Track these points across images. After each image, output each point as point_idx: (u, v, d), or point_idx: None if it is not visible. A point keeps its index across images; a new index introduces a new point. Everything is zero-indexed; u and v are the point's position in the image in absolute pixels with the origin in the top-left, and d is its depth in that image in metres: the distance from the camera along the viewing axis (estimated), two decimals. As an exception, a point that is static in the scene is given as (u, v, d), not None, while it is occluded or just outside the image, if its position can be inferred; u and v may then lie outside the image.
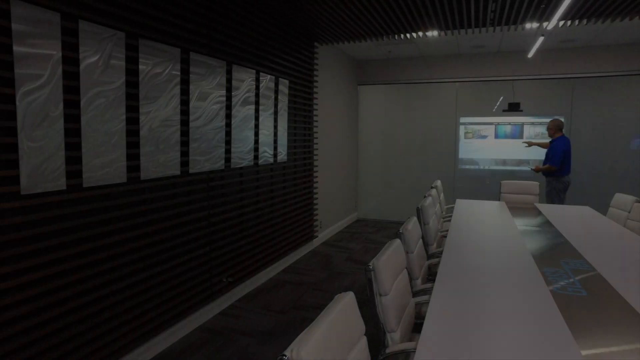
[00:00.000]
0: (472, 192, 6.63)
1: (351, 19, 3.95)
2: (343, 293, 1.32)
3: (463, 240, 2.78)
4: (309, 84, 4.90)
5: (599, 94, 6.04)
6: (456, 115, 6.69)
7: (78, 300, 2.16)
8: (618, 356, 1.33)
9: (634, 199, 3.58)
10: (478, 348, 1.36)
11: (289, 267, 4.56)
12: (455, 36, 5.20)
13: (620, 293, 1.84)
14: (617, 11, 3.71)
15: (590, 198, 5.64)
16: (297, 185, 4.70)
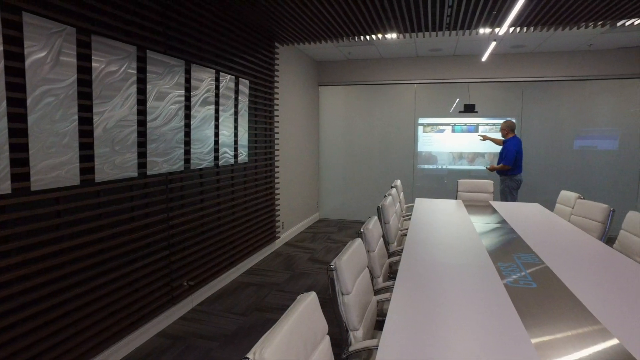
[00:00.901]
0: (430, 191, 6.83)
1: (311, 19, 3.97)
2: (305, 293, 1.33)
3: (422, 238, 2.87)
4: (270, 84, 4.88)
5: (545, 97, 6.39)
6: (415, 116, 6.87)
7: (26, 311, 2.05)
8: (563, 342, 1.42)
9: (576, 195, 3.81)
10: (438, 341, 1.41)
11: (251, 268, 4.52)
12: (414, 39, 5.33)
13: (566, 284, 1.96)
14: (559, 21, 3.95)
15: (540, 195, 5.95)
16: (258, 186, 4.67)
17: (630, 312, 1.68)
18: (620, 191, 6.19)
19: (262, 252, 4.89)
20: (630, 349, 1.36)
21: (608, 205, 3.24)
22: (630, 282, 2.06)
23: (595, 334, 1.48)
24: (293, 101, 5.88)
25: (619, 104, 6.16)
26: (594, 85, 6.19)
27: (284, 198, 5.49)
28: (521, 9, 3.55)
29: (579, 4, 3.47)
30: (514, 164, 5.18)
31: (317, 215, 7.24)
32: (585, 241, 2.86)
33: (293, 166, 5.95)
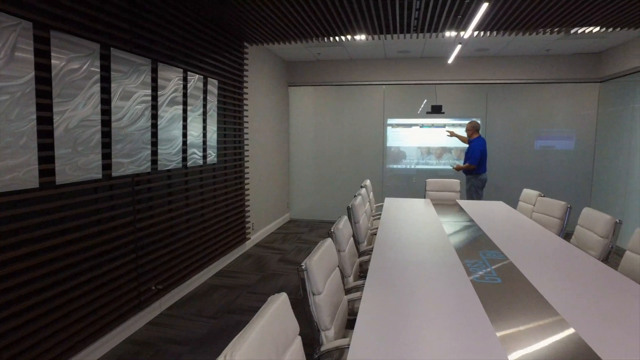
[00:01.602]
0: (400, 191, 6.95)
1: (281, 20, 3.96)
2: (276, 294, 1.33)
3: (392, 237, 2.91)
4: (239, 84, 4.83)
5: (508, 99, 6.62)
6: (384, 117, 6.97)
7: (-17, 320, 1.95)
8: (526, 334, 1.48)
9: (537, 193, 3.97)
10: (408, 338, 1.44)
11: (221, 270, 4.46)
12: (382, 41, 5.41)
13: (528, 278, 2.05)
14: (519, 27, 4.11)
15: (504, 193, 6.16)
16: (228, 187, 4.62)
17: (584, 303, 1.78)
18: (576, 189, 6.50)
19: (233, 253, 4.84)
20: (584, 337, 1.44)
21: (566, 202, 3.40)
22: (585, 275, 2.17)
23: (554, 324, 1.55)
24: (263, 101, 5.84)
25: (574, 106, 6.47)
26: (551, 88, 6.47)
27: (254, 199, 5.46)
28: (484, 14, 3.67)
29: (536, 12, 3.62)
30: (479, 164, 5.34)
31: (287, 216, 7.23)
32: (546, 237, 2.98)
33: (263, 167, 5.92)
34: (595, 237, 2.82)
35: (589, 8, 3.55)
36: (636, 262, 2.30)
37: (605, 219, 2.76)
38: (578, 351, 1.36)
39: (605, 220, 2.75)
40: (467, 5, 3.52)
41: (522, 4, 3.46)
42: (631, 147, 5.49)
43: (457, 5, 3.53)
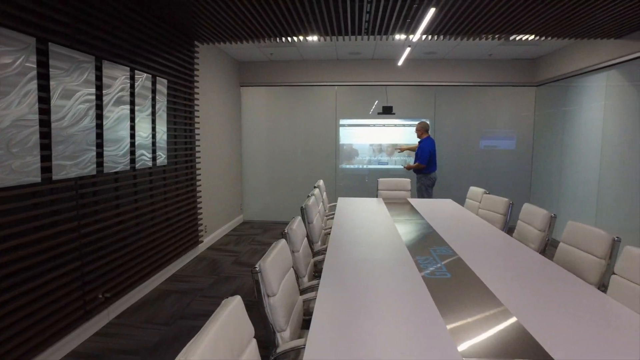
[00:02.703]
0: (352, 190, 7.06)
1: (233, 19, 3.91)
2: (230, 297, 1.32)
3: (345, 236, 2.96)
4: (190, 84, 4.71)
5: (455, 100, 6.92)
6: (336, 118, 7.05)
7: None
8: (473, 325, 1.56)
9: (483, 190, 4.18)
10: (363, 335, 1.47)
11: (173, 275, 4.33)
12: (334, 42, 5.48)
13: (475, 272, 2.15)
14: (463, 32, 4.30)
15: (452, 191, 6.42)
16: (179, 189, 4.49)
17: (525, 293, 1.90)
18: (517, 186, 6.90)
19: (185, 257, 4.71)
20: (525, 325, 1.54)
21: (508, 199, 3.60)
22: (526, 267, 2.31)
23: (499, 314, 1.64)
24: (214, 102, 5.73)
25: (514, 108, 6.87)
26: (494, 90, 6.82)
27: (206, 201, 5.34)
28: (432, 19, 3.82)
29: (479, 18, 3.82)
30: (428, 163, 5.54)
31: (241, 218, 7.13)
32: (491, 232, 3.15)
33: (215, 168, 5.80)
34: (534, 231, 3.01)
35: (525, 17, 3.79)
36: (569, 252, 2.48)
37: (542, 213, 2.96)
38: (520, 338, 1.45)
39: (542, 214, 2.95)
40: (415, 10, 3.64)
41: (466, 10, 3.63)
42: (563, 147, 5.91)
43: (406, 10, 3.64)
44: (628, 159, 4.65)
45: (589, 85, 5.37)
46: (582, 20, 3.86)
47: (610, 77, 4.95)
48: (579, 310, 1.72)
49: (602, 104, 5.08)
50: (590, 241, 2.32)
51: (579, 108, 5.58)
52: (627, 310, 1.70)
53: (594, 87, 5.26)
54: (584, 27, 4.10)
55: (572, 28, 4.14)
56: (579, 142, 5.57)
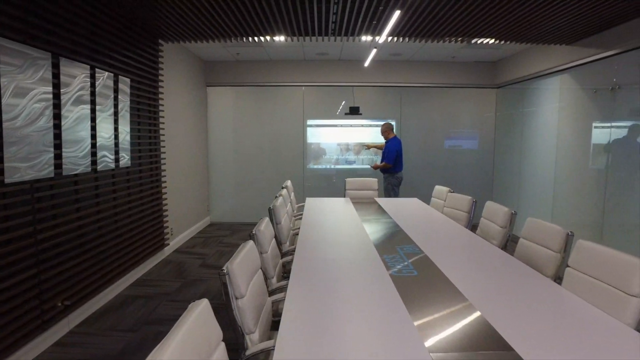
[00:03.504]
0: (320, 190, 7.08)
1: (198, 17, 3.84)
2: (197, 301, 1.30)
3: (314, 236, 2.97)
4: (154, 83, 4.59)
5: (420, 101, 7.07)
6: (303, 118, 7.05)
7: None
8: (440, 321, 1.60)
9: (447, 189, 4.29)
10: (332, 335, 1.48)
11: (138, 280, 4.21)
12: (301, 43, 5.48)
13: (441, 269, 2.21)
14: (427, 34, 4.41)
15: (418, 190, 6.56)
16: (143, 191, 4.36)
17: (488, 288, 1.97)
18: (480, 184, 7.13)
19: (150, 261, 4.59)
20: (488, 318, 1.59)
21: (471, 197, 3.71)
22: (489, 262, 2.40)
23: (464, 310, 1.69)
24: (180, 102, 5.61)
25: (477, 109, 7.09)
26: (458, 92, 7.02)
27: (172, 203, 5.22)
28: (397, 21, 3.89)
29: (442, 22, 3.92)
30: (394, 163, 5.63)
31: (208, 219, 7.02)
32: (455, 230, 3.24)
33: (181, 169, 5.68)
34: (496, 228, 3.12)
35: (485, 22, 3.92)
36: (528, 247, 2.59)
37: (503, 210, 3.07)
38: (483, 331, 1.50)
39: (504, 212, 3.06)
40: (381, 12, 3.70)
41: (430, 13, 3.72)
42: (522, 146, 6.16)
43: (372, 12, 3.69)
44: (580, 158, 4.91)
45: (545, 87, 5.62)
46: (536, 26, 4.04)
47: (563, 80, 5.20)
48: (536, 302, 1.80)
49: (557, 105, 5.34)
50: (546, 236, 2.43)
51: (536, 109, 5.83)
52: (579, 300, 1.79)
53: (549, 90, 5.52)
54: (539, 32, 4.29)
55: (528, 33, 4.32)
56: (537, 142, 5.83)
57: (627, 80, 4.19)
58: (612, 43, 4.20)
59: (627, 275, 1.72)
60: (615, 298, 1.74)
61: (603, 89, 4.49)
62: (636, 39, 3.90)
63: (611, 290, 1.77)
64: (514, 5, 3.45)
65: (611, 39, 4.21)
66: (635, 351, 1.39)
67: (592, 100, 4.71)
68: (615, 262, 1.81)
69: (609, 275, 1.81)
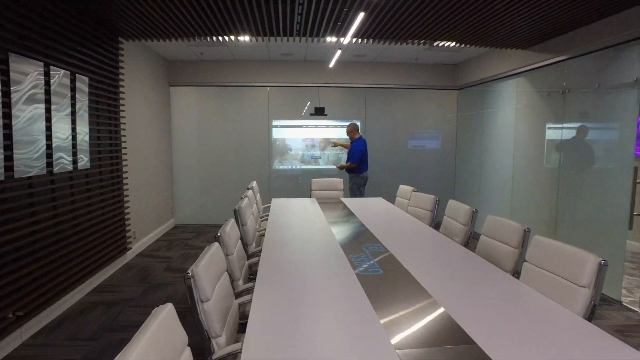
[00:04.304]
0: (286, 191, 7.07)
1: (159, 15, 3.74)
2: (161, 306, 1.27)
3: (280, 237, 2.96)
4: (114, 82, 4.44)
5: (384, 102, 7.19)
6: (269, 118, 7.02)
7: None
8: (406, 318, 1.63)
9: (411, 189, 4.38)
10: (300, 335, 1.48)
11: (99, 286, 4.06)
12: (266, 43, 5.45)
13: (406, 267, 2.25)
14: (391, 37, 4.50)
15: (383, 190, 6.66)
16: (104, 194, 4.21)
17: (451, 284, 2.03)
18: (443, 183, 7.33)
19: (112, 266, 4.44)
20: (451, 314, 1.64)
21: (435, 196, 3.81)
22: (452, 259, 2.47)
23: (428, 306, 1.74)
24: (142, 101, 5.46)
25: (439, 110, 7.29)
26: (420, 93, 7.19)
27: (134, 205, 5.07)
28: (361, 23, 3.94)
29: (405, 24, 4.01)
30: (360, 163, 5.70)
31: (172, 222, 6.86)
32: (420, 228, 3.31)
33: (144, 171, 5.52)
34: (458, 225, 3.21)
35: (446, 26, 4.04)
36: (488, 244, 2.69)
37: (465, 209, 3.17)
38: (447, 326, 1.55)
39: (465, 210, 3.16)
40: (345, 14, 3.73)
41: (393, 16, 3.79)
42: (482, 146, 6.38)
43: (337, 13, 3.73)
44: (535, 157, 5.14)
45: (502, 90, 5.85)
46: (494, 31, 4.21)
47: (519, 83, 5.43)
48: (496, 296, 1.87)
49: (514, 107, 5.56)
50: (505, 233, 2.53)
51: (495, 110, 6.06)
52: (535, 293, 1.88)
53: (506, 92, 5.75)
54: (496, 37, 4.47)
55: (486, 37, 4.49)
56: (496, 142, 6.05)
57: (576, 84, 4.43)
58: (562, 49, 4.43)
59: (578, 268, 1.81)
60: (567, 289, 1.83)
61: (555, 92, 4.72)
62: (582, 46, 4.13)
63: (564, 282, 1.87)
64: (473, 10, 3.57)
65: (561, 45, 4.43)
66: (583, 338, 1.47)
67: (545, 103, 4.95)
68: (567, 256, 1.91)
69: (562, 268, 1.91)
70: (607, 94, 4.08)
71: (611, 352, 1.38)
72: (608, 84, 4.05)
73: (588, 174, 4.39)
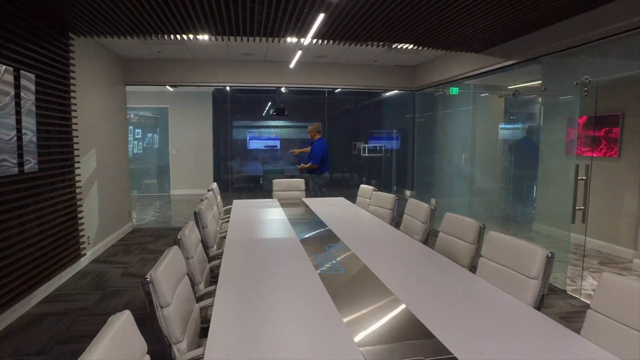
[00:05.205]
0: (248, 192, 7.01)
1: (112, 10, 3.59)
2: (118, 313, 1.22)
3: (242, 239, 2.93)
4: (65, 80, 4.23)
5: (345, 103, 7.27)
6: (229, 119, 6.93)
7: None
8: (368, 316, 1.66)
9: (372, 188, 4.46)
10: (263, 337, 1.47)
11: (49, 296, 3.86)
12: (226, 42, 5.37)
13: (367, 265, 2.29)
14: (351, 38, 4.56)
15: (344, 189, 6.74)
16: (55, 198, 4.00)
17: (412, 281, 2.08)
18: (402, 182, 7.51)
19: (64, 274, 4.22)
20: (412, 310, 1.69)
21: (395, 195, 3.89)
22: (412, 256, 2.53)
23: (390, 303, 1.78)
24: (96, 100, 5.22)
25: (398, 111, 7.46)
26: (380, 94, 7.33)
27: (88, 209, 4.85)
28: (321, 24, 3.96)
29: (364, 26, 4.07)
30: (321, 163, 5.74)
31: (130, 226, 6.62)
32: (380, 227, 3.38)
33: (99, 173, 5.29)
34: (418, 223, 3.30)
35: (404, 29, 4.14)
36: (446, 240, 2.78)
37: (424, 207, 3.26)
38: (409, 322, 1.59)
39: (424, 208, 3.25)
40: (306, 14, 3.74)
41: (353, 18, 3.84)
42: (441, 146, 6.58)
43: (297, 14, 3.73)
44: (491, 156, 5.36)
45: (460, 91, 6.06)
46: (449, 35, 4.35)
47: (475, 85, 5.65)
48: (455, 291, 1.94)
49: (470, 108, 5.78)
50: (462, 229, 2.63)
51: (452, 111, 6.27)
52: (490, 286, 1.97)
53: (463, 93, 5.96)
54: (452, 40, 4.62)
55: (443, 41, 4.63)
56: (453, 142, 6.26)
57: (525, 88, 4.67)
58: (513, 54, 4.64)
59: (528, 260, 1.91)
60: (519, 281, 1.93)
61: (506, 94, 4.95)
62: (530, 51, 4.35)
63: (515, 274, 1.97)
64: (429, 15, 3.68)
65: (512, 50, 4.65)
66: (534, 327, 1.56)
67: (498, 104, 5.17)
68: (518, 250, 2.01)
69: (514, 262, 2.01)
70: (552, 97, 4.33)
71: (557, 337, 1.47)
72: (553, 87, 4.29)
73: (536, 172, 4.64)
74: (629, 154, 4.81)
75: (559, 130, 4.69)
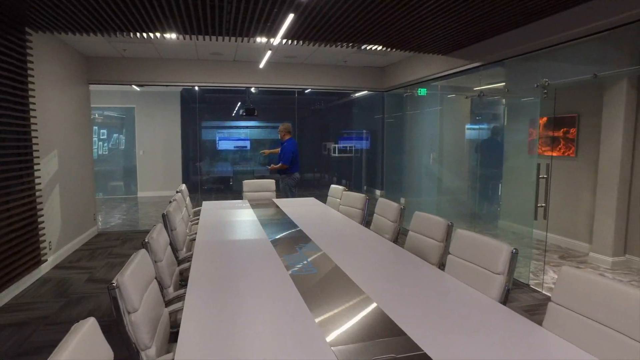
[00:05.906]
0: (217, 193, 6.92)
1: (72, 5, 3.46)
2: (82, 321, 1.18)
3: (212, 241, 2.89)
4: (22, 78, 4.04)
5: (315, 103, 7.29)
6: (197, 119, 6.81)
7: None
8: (340, 315, 1.67)
9: (342, 188, 4.49)
10: (235, 340, 1.45)
11: (5, 306, 3.67)
12: (194, 41, 5.28)
13: (339, 265, 2.30)
14: (320, 39, 4.58)
15: (315, 190, 6.76)
16: (11, 202, 3.81)
17: (383, 280, 2.11)
18: (372, 182, 7.60)
19: (23, 281, 4.03)
20: (383, 308, 1.71)
21: (365, 195, 3.93)
22: (382, 255, 2.57)
23: (362, 302, 1.79)
24: (57, 100, 5.02)
25: (368, 111, 7.54)
26: (349, 95, 7.39)
27: (50, 213, 4.65)
28: (291, 24, 3.96)
29: (334, 27, 4.10)
30: (291, 163, 5.73)
31: (95, 229, 6.40)
32: (351, 226, 3.40)
33: (61, 175, 5.08)
34: (388, 223, 3.34)
35: (372, 30, 4.19)
36: (416, 239, 2.83)
37: (394, 206, 3.31)
38: (380, 320, 1.61)
39: (394, 207, 3.29)
40: (275, 14, 3.73)
41: (322, 18, 3.85)
42: (409, 146, 6.70)
43: (267, 13, 3.71)
44: (458, 156, 5.50)
45: (427, 92, 6.19)
46: (416, 37, 4.44)
47: (442, 86, 5.78)
48: (424, 288, 1.98)
49: (438, 109, 5.91)
50: (431, 228, 2.68)
51: (421, 112, 6.39)
52: (458, 283, 2.02)
53: (431, 94, 6.09)
54: (419, 43, 4.72)
55: (411, 42, 4.72)
56: (422, 142, 6.39)
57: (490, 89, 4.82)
58: (478, 56, 4.78)
59: (493, 257, 1.98)
60: (485, 277, 1.99)
61: (472, 96, 5.09)
62: (494, 54, 4.50)
63: (482, 271, 2.03)
64: (397, 17, 3.74)
65: (477, 53, 4.79)
66: (500, 320, 1.61)
67: (464, 105, 5.32)
68: (484, 247, 2.08)
69: (480, 258, 2.07)
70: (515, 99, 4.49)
71: (521, 330, 1.53)
72: (516, 89, 4.45)
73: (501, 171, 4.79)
74: (585, 153, 5.05)
75: (522, 130, 4.88)
